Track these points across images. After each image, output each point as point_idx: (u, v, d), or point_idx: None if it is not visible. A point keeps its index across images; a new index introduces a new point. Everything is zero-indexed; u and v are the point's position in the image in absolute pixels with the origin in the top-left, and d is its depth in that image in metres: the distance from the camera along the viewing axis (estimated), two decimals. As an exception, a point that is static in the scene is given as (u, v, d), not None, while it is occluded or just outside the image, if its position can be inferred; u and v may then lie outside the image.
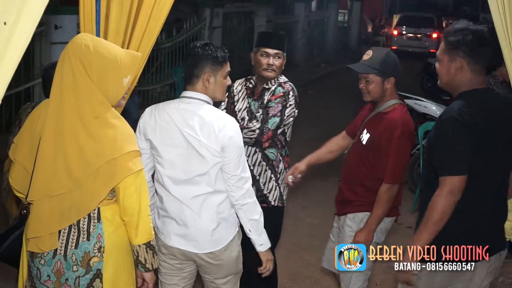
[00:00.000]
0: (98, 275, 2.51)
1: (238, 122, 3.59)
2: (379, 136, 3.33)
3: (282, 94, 3.66)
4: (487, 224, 2.80)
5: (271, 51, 3.65)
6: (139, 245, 2.54)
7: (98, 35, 2.90)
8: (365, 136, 3.43)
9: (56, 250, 2.47)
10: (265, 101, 3.69)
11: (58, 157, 2.41)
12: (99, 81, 2.44)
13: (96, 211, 2.49)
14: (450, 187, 2.63)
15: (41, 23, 7.22)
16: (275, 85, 3.71)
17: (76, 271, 2.49)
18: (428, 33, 20.30)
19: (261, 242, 3.04)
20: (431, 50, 18.67)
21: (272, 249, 3.71)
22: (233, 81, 3.77)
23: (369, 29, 24.49)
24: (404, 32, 20.56)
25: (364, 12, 24.11)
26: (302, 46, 17.48)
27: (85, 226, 2.48)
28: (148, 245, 2.56)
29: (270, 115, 3.60)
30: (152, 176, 3.06)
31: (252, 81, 3.84)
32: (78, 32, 2.75)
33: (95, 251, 2.49)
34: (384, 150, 3.31)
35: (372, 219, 3.36)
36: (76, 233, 2.48)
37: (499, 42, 2.64)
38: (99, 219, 2.50)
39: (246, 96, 3.79)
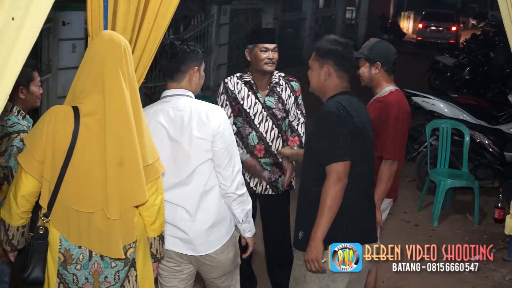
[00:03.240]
0: (133, 264, 2.56)
1: (251, 118, 3.83)
2: (377, 118, 3.49)
3: (299, 88, 3.96)
4: (362, 212, 2.99)
5: (269, 45, 3.80)
6: (154, 238, 2.63)
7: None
8: None
9: (91, 252, 2.47)
10: (283, 96, 3.88)
11: (101, 166, 2.39)
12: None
13: None
14: (336, 174, 2.80)
15: (49, 19, 7.22)
16: (281, 79, 3.91)
17: (115, 266, 2.51)
18: (448, 27, 23.51)
19: (250, 229, 3.10)
20: (451, 41, 22.62)
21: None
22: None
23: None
24: (428, 25, 23.84)
25: (372, 9, 24.04)
26: (309, 43, 17.44)
27: None
28: (161, 236, 2.66)
29: (304, 112, 3.98)
30: None
31: (246, 76, 3.90)
32: (85, 29, 2.74)
33: (130, 242, 2.52)
34: (383, 129, 3.50)
35: (376, 197, 3.36)
36: None
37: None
38: None
39: (250, 92, 3.87)
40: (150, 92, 9.89)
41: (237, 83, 3.90)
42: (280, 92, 3.87)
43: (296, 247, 3.05)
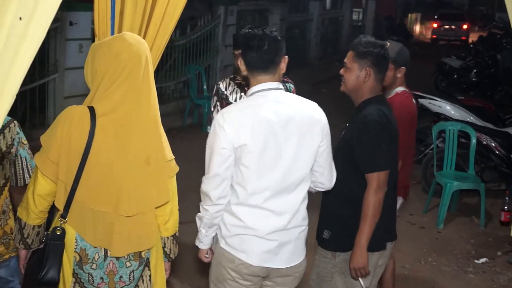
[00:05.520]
0: (147, 264, 2.57)
1: None
2: None
3: (294, 89, 3.84)
4: (389, 213, 3.08)
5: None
6: (167, 237, 2.64)
7: (112, 32, 2.90)
8: None
9: (106, 252, 2.47)
10: None
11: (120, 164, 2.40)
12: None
13: None
14: (378, 182, 2.88)
15: (56, 20, 7.26)
16: None
17: (130, 266, 2.51)
18: (460, 25, 26.42)
19: None
20: (462, 38, 25.81)
21: None
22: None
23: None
24: (442, 24, 26.72)
25: (379, 11, 24.03)
26: (315, 45, 17.44)
27: None
28: (175, 236, 2.66)
29: None
30: None
31: (238, 78, 3.88)
32: (93, 29, 2.74)
33: (144, 249, 2.53)
34: None
35: None
36: None
37: None
38: None
39: (242, 93, 3.83)
40: (159, 93, 9.92)
41: (229, 84, 3.89)
42: None
43: (322, 245, 3.11)
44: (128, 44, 2.47)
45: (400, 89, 3.79)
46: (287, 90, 3.74)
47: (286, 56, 2.73)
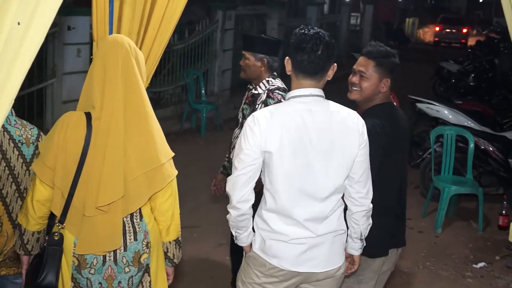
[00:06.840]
0: (147, 270, 2.56)
1: (238, 121, 3.84)
2: None
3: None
4: (393, 219, 3.10)
5: (243, 52, 3.79)
6: (169, 242, 2.63)
7: (110, 36, 2.91)
8: None
9: (105, 257, 2.47)
10: (257, 108, 3.64)
11: (116, 165, 2.39)
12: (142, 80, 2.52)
13: (138, 210, 2.51)
14: None
15: (54, 24, 7.25)
16: (264, 93, 3.71)
17: (129, 271, 2.51)
18: (460, 29, 28.61)
19: (363, 246, 2.82)
20: (462, 41, 28.02)
21: None
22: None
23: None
24: (444, 28, 28.76)
25: (377, 16, 24.06)
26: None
27: (130, 227, 2.50)
28: (177, 241, 2.65)
29: None
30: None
31: (253, 84, 3.89)
32: (91, 34, 2.75)
33: (144, 248, 2.52)
34: None
35: None
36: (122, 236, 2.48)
37: None
38: (141, 217, 2.52)
39: (245, 98, 3.90)
40: (158, 98, 9.91)
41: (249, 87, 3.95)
42: (257, 106, 3.68)
43: None
44: (103, 42, 2.53)
45: None
46: (266, 105, 3.56)
47: (335, 64, 2.59)
